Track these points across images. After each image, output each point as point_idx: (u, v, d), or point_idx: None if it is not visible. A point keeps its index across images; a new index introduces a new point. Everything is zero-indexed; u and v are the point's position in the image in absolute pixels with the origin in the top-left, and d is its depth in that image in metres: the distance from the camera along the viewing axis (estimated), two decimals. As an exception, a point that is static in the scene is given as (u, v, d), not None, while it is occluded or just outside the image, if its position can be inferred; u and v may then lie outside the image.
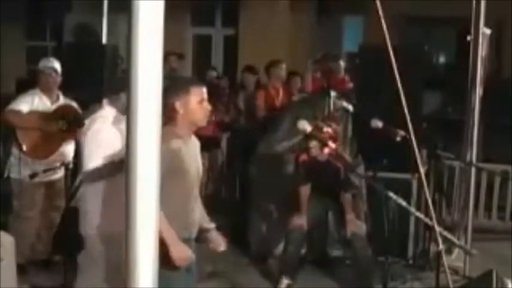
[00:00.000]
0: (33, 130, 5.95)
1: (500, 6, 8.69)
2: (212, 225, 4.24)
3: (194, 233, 4.00)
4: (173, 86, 3.96)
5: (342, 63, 8.17)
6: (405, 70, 3.91)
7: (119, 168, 3.83)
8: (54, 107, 6.11)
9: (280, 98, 8.30)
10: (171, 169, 3.65)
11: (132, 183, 1.27)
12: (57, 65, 6.14)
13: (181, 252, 3.77)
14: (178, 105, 3.81)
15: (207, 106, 3.89)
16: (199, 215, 4.04)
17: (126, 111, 1.26)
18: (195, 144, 4.04)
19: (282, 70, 8.45)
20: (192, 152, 3.95)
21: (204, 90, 3.92)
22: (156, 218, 1.30)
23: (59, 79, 6.12)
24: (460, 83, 7.59)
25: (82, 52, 7.42)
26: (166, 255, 3.64)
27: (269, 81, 8.46)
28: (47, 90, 6.08)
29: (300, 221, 6.01)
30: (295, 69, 9.15)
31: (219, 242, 4.21)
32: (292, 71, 9.08)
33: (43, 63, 6.17)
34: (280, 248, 6.41)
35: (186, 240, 3.88)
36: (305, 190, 5.98)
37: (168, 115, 3.84)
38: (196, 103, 3.84)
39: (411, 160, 4.85)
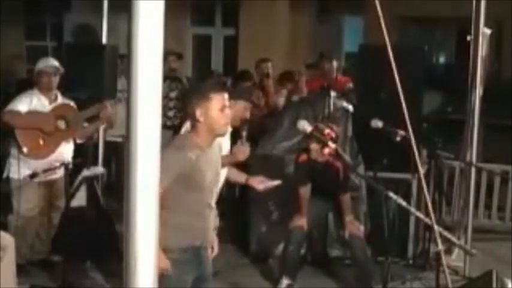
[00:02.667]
0: (32, 130, 5.95)
1: (500, 6, 8.69)
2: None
3: (206, 242, 3.92)
4: (194, 92, 3.87)
5: (335, 63, 8.16)
6: (405, 70, 3.91)
7: None
8: (52, 106, 6.11)
9: (267, 96, 8.31)
10: (185, 176, 3.62)
11: (132, 184, 1.27)
12: (57, 65, 6.14)
13: (160, 262, 3.63)
14: (198, 113, 3.68)
15: (229, 113, 3.76)
16: (213, 223, 3.98)
17: (127, 112, 1.26)
18: (216, 150, 3.92)
19: (267, 68, 8.48)
20: (211, 160, 3.82)
21: (226, 96, 3.76)
22: (157, 217, 1.30)
23: (58, 79, 6.12)
24: (460, 83, 7.58)
25: (82, 52, 7.41)
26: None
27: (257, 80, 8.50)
28: (46, 90, 6.08)
29: (301, 221, 6.01)
30: (294, 69, 9.14)
31: (213, 246, 4.14)
32: (290, 71, 9.07)
33: (44, 63, 6.15)
34: (280, 248, 6.41)
35: (196, 248, 3.82)
36: (305, 191, 5.97)
37: (192, 122, 3.76)
38: (218, 110, 3.69)
39: (411, 160, 4.85)
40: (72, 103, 6.31)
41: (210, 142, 3.79)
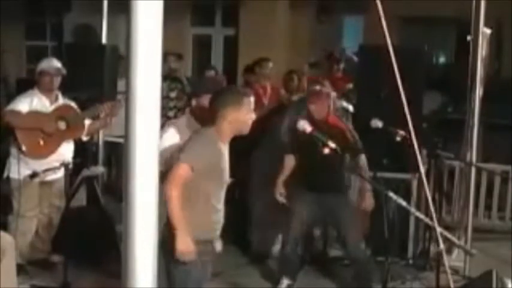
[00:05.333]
0: (32, 130, 5.95)
1: (500, 6, 8.68)
2: None
3: (216, 236, 4.07)
4: (226, 94, 4.07)
5: (342, 65, 8.18)
6: (405, 70, 3.90)
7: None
8: (53, 107, 6.11)
9: (268, 97, 8.30)
10: (214, 168, 3.87)
11: (131, 183, 1.27)
12: (60, 66, 6.13)
13: (184, 246, 3.79)
14: (229, 114, 3.90)
15: (252, 116, 4.01)
16: (222, 218, 4.11)
17: (125, 111, 1.26)
18: (227, 148, 4.12)
19: (268, 69, 8.46)
20: (227, 158, 4.05)
21: (252, 100, 4.04)
22: (156, 217, 1.30)
23: (60, 79, 6.12)
24: (460, 83, 7.58)
25: (82, 52, 7.41)
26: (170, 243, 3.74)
27: (256, 80, 8.46)
28: (47, 91, 6.07)
29: (282, 190, 5.90)
30: (294, 69, 9.13)
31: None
32: (290, 70, 9.07)
33: (46, 63, 6.13)
34: (278, 247, 6.40)
35: (206, 242, 3.96)
36: (290, 159, 5.89)
37: (216, 120, 3.94)
38: (246, 114, 3.96)
39: (411, 160, 4.84)
40: (72, 104, 6.31)
41: (228, 140, 4.02)
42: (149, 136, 1.26)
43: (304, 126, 4.98)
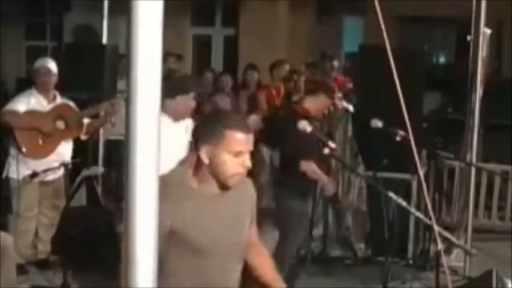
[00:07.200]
0: (31, 130, 5.95)
1: (500, 6, 8.68)
2: None
3: None
4: (204, 121, 2.94)
5: (336, 63, 8.16)
6: (405, 70, 3.90)
7: None
8: (51, 106, 6.10)
9: (280, 98, 8.30)
10: (177, 235, 2.75)
11: (132, 184, 1.27)
12: (52, 65, 6.13)
13: None
14: (203, 151, 2.73)
15: (245, 162, 2.75)
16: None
17: (126, 111, 1.27)
18: (236, 195, 2.87)
19: (285, 70, 8.46)
20: (219, 211, 2.85)
21: (246, 138, 2.74)
22: (156, 217, 1.30)
23: (54, 79, 6.11)
24: (460, 83, 7.58)
25: (82, 52, 7.42)
26: None
27: (272, 81, 8.46)
28: (43, 90, 6.07)
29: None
30: (294, 69, 9.14)
31: None
32: (290, 70, 9.08)
33: (39, 63, 6.16)
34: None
35: None
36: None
37: (196, 159, 2.80)
38: (228, 153, 2.71)
39: (411, 160, 4.84)
40: (71, 103, 6.31)
41: (216, 189, 2.83)
42: (150, 136, 1.26)
43: (305, 126, 4.97)
